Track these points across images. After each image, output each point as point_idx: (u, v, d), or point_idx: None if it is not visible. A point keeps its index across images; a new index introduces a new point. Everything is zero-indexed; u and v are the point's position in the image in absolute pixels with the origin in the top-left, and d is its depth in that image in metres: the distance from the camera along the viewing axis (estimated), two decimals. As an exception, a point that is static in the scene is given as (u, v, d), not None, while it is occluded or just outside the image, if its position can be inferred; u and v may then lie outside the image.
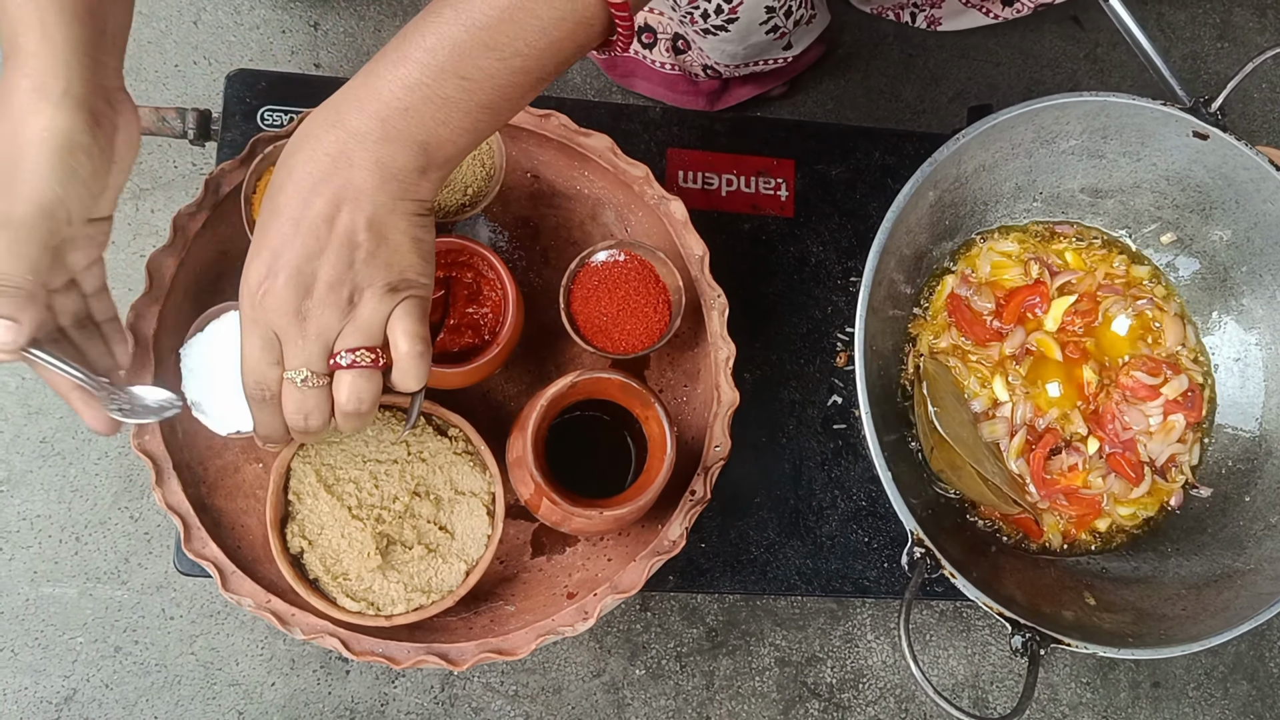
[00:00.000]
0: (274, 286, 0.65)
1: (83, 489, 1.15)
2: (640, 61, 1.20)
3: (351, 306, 0.66)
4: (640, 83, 1.23)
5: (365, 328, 0.67)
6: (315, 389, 0.68)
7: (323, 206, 0.64)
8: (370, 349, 0.68)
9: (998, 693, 1.26)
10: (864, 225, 1.09)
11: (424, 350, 0.69)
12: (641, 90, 1.24)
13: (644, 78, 1.22)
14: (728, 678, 1.21)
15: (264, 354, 0.67)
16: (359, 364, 0.68)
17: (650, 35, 1.15)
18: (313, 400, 0.69)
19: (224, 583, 0.85)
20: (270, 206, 0.65)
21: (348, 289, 0.66)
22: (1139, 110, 0.94)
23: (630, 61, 1.20)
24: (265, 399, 0.69)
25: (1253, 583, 0.93)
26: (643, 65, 1.20)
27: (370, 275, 0.66)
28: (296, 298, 0.65)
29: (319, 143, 0.64)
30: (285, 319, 0.66)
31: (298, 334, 0.66)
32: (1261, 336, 1.03)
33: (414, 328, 0.68)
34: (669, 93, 1.23)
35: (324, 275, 0.65)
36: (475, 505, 0.87)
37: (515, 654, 0.85)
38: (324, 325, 0.66)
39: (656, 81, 1.22)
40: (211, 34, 1.24)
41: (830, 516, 1.03)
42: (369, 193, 0.64)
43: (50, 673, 1.12)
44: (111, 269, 1.16)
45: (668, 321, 0.90)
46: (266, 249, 0.65)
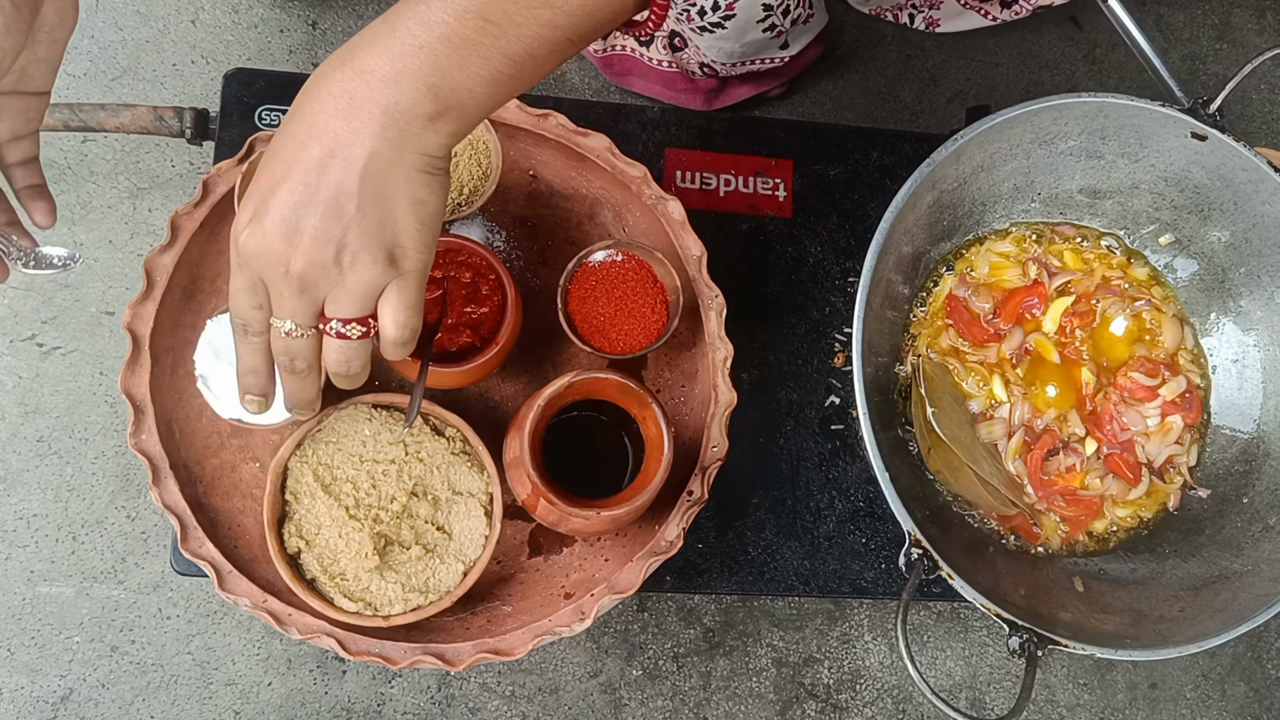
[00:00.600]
0: (258, 231, 0.61)
1: (79, 488, 1.14)
2: (637, 59, 1.20)
3: (340, 269, 0.62)
4: (637, 81, 1.23)
5: (356, 297, 0.63)
6: (301, 339, 0.66)
7: (318, 152, 0.60)
8: (361, 321, 0.65)
9: (995, 694, 1.26)
10: (862, 226, 1.09)
11: (410, 338, 0.66)
12: (639, 89, 1.24)
13: (641, 76, 1.22)
14: (725, 678, 1.21)
15: (248, 297, 0.64)
16: (348, 336, 0.65)
17: (646, 32, 1.15)
18: (298, 348, 0.66)
19: (220, 582, 0.84)
20: (270, 149, 0.63)
21: (334, 247, 0.61)
22: (1137, 111, 0.93)
23: (627, 60, 1.20)
24: (245, 335, 0.67)
25: (1250, 584, 0.93)
26: (640, 63, 1.20)
27: (362, 236, 0.61)
28: (283, 247, 0.61)
29: (326, 82, 0.60)
30: (270, 268, 0.62)
31: (283, 285, 0.63)
32: (1260, 338, 1.03)
33: (402, 315, 0.65)
34: (666, 90, 1.23)
35: (310, 228, 0.60)
36: (473, 505, 0.86)
37: (512, 654, 0.85)
38: (310, 282, 0.62)
39: (654, 79, 1.22)
40: (209, 33, 1.24)
41: (828, 517, 1.03)
42: (367, 139, 0.60)
43: (47, 672, 1.12)
44: (108, 268, 1.17)
45: (665, 322, 0.90)
46: (257, 192, 0.62)
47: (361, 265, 0.62)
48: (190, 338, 0.89)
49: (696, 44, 1.11)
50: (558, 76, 1.28)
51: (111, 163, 1.20)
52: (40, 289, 1.16)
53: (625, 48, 1.18)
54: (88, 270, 1.17)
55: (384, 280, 0.63)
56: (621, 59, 1.20)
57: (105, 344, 1.17)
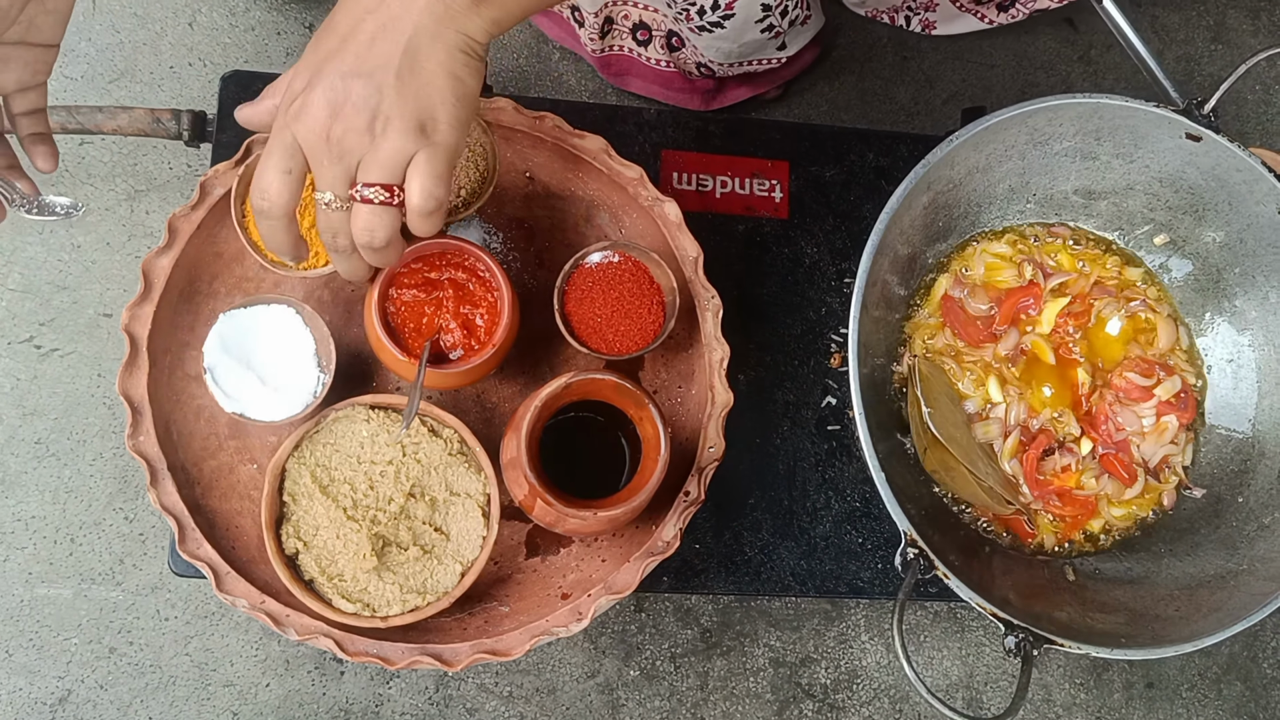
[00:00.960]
0: (309, 100, 0.65)
1: (77, 490, 1.15)
2: (635, 59, 1.20)
3: (372, 135, 0.65)
4: (635, 81, 1.23)
5: (384, 163, 0.66)
6: (339, 211, 0.68)
7: (371, 26, 0.64)
8: (385, 187, 0.67)
9: (992, 693, 1.26)
10: (858, 227, 1.09)
11: (435, 209, 0.68)
12: (636, 89, 1.24)
13: (638, 76, 1.22)
14: (722, 678, 1.21)
15: (281, 159, 0.67)
16: (371, 200, 0.67)
17: (645, 32, 1.15)
18: (338, 222, 0.69)
19: (218, 584, 0.85)
20: (327, 23, 0.66)
21: (369, 114, 0.64)
22: (1132, 112, 0.94)
23: (624, 60, 1.20)
24: (264, 208, 0.69)
25: (1246, 583, 0.93)
26: (637, 63, 1.20)
27: (397, 104, 0.64)
28: (328, 115, 0.64)
29: None
30: (314, 135, 0.65)
31: (323, 153, 0.66)
32: (1254, 338, 1.03)
33: (428, 183, 0.67)
34: (664, 90, 1.23)
35: (354, 96, 0.64)
36: (470, 506, 0.87)
37: (509, 655, 0.86)
38: (346, 149, 0.65)
39: (651, 79, 1.22)
40: (207, 36, 1.24)
41: (824, 517, 1.03)
42: (415, 14, 0.63)
43: (45, 674, 1.12)
44: (106, 269, 1.17)
45: (662, 323, 0.90)
46: (312, 62, 0.65)
47: (393, 132, 0.65)
48: (188, 339, 0.89)
49: (695, 44, 1.11)
50: (555, 78, 1.28)
51: (109, 165, 1.20)
52: (38, 291, 1.17)
53: (623, 48, 1.18)
54: (85, 273, 1.18)
55: (413, 149, 0.66)
56: (619, 59, 1.20)
57: (103, 346, 1.17)
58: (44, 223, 1.17)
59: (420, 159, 0.66)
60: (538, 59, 1.29)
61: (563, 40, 1.24)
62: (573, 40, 1.22)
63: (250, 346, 0.86)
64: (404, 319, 0.84)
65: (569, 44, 1.24)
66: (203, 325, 0.87)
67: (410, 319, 0.84)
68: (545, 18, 1.21)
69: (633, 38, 1.17)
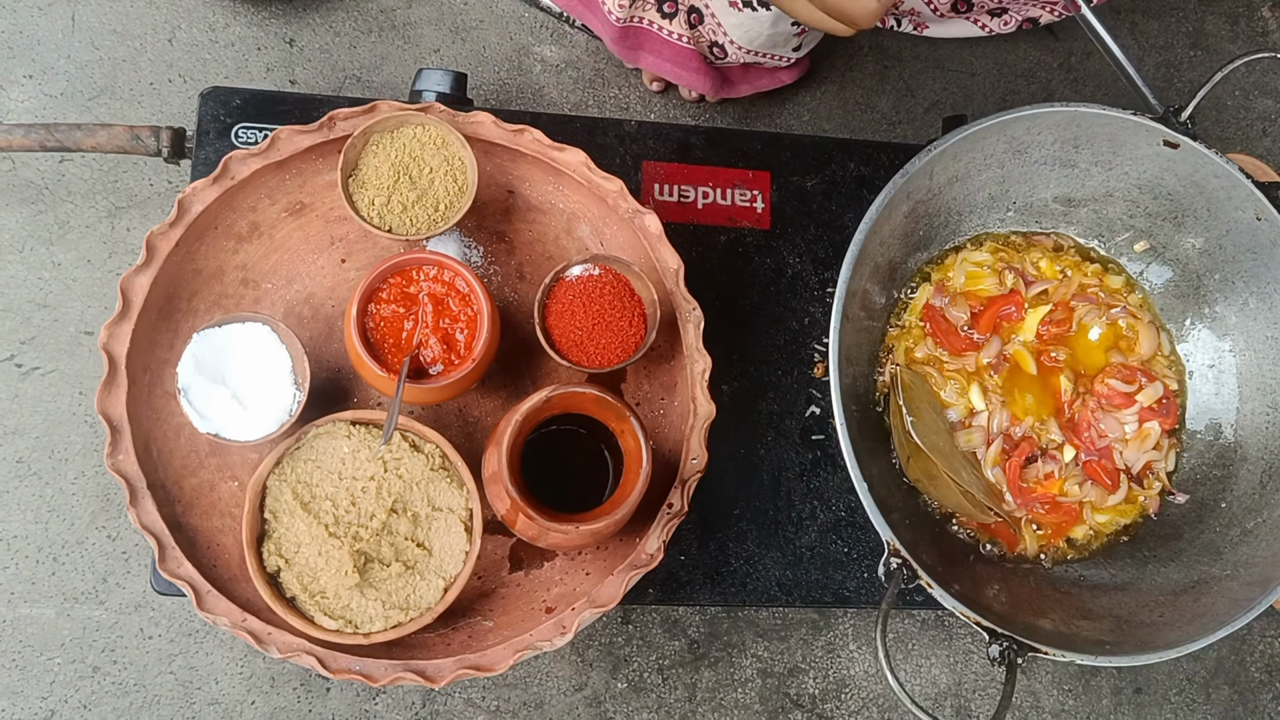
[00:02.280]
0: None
1: (59, 509, 1.14)
2: (654, 33, 1.18)
3: None
4: (647, 56, 1.21)
5: None
6: None
7: None
8: None
9: (980, 701, 1.26)
10: (840, 236, 1.09)
11: None
12: (647, 64, 1.21)
13: (653, 51, 1.20)
14: (710, 689, 1.21)
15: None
16: None
17: (672, 4, 1.14)
18: None
19: (199, 602, 0.84)
20: None
21: None
22: (1109, 120, 0.94)
23: (643, 33, 1.18)
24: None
25: (1229, 588, 0.94)
26: (655, 37, 1.18)
27: None
28: None
29: None
30: None
31: None
32: (1235, 343, 1.04)
33: None
34: (678, 69, 1.20)
35: None
36: (453, 521, 0.86)
37: (493, 670, 0.85)
38: None
39: (666, 56, 1.20)
40: (186, 52, 1.24)
41: (809, 527, 1.03)
42: None
43: (28, 694, 1.11)
44: (87, 287, 1.17)
45: (643, 335, 0.90)
46: None
47: None
48: (167, 357, 0.89)
49: (720, 20, 1.11)
50: (536, 91, 1.28)
51: (89, 182, 1.19)
52: (19, 309, 1.16)
53: (645, 20, 1.16)
54: (66, 290, 1.17)
55: None
56: (638, 31, 1.18)
57: (84, 364, 1.16)
58: (24, 239, 1.17)
59: None
60: (519, 72, 1.29)
61: (571, 9, 1.20)
62: (584, 7, 1.18)
63: (225, 365, 0.85)
64: (383, 334, 0.84)
65: (579, 12, 1.20)
66: (182, 343, 0.87)
67: (389, 334, 0.84)
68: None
69: (658, 8, 1.15)
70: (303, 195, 0.93)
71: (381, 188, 0.88)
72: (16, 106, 1.20)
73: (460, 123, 0.92)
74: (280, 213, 0.93)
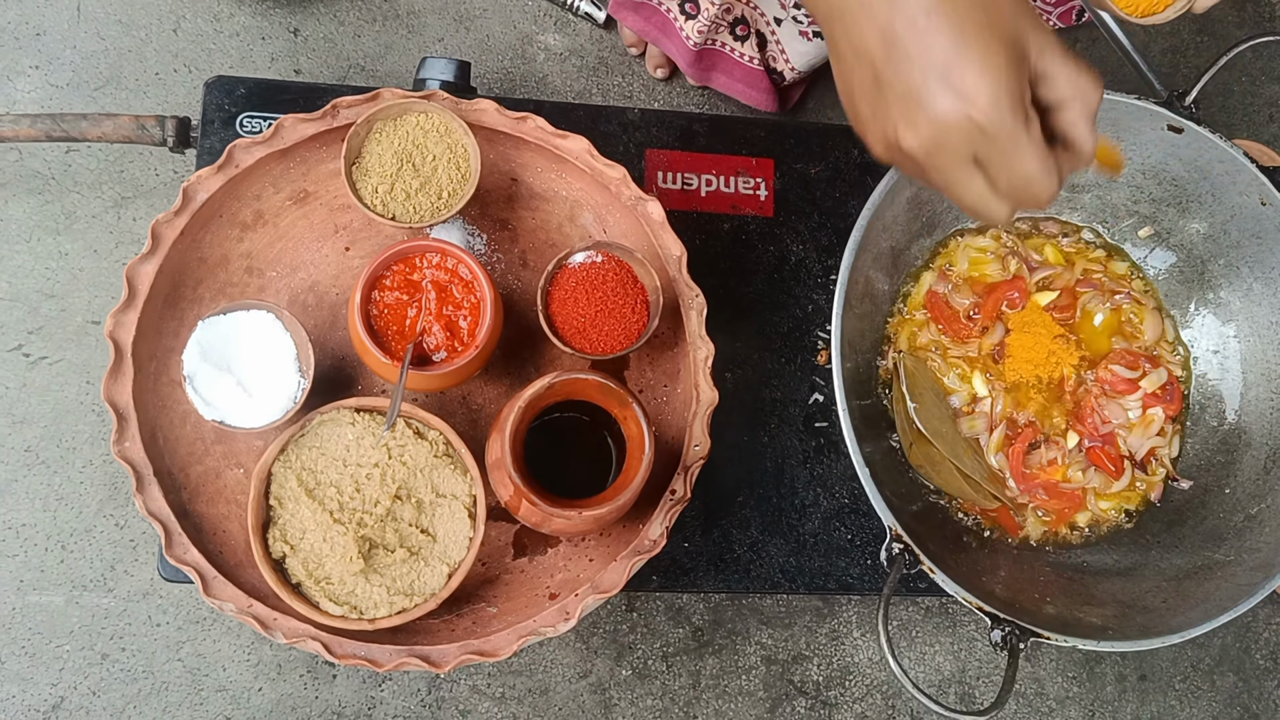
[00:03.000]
0: None
1: (67, 497, 1.15)
2: (727, 55, 1.21)
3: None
4: (719, 77, 1.24)
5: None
6: None
7: None
8: None
9: (984, 687, 1.26)
10: (843, 223, 1.09)
11: None
12: (718, 86, 1.25)
13: (725, 72, 1.23)
14: (714, 677, 1.21)
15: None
16: None
17: (745, 27, 1.17)
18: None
19: (205, 588, 0.85)
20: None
21: None
22: (1114, 104, 0.94)
23: (716, 54, 1.21)
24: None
25: (1232, 574, 0.94)
26: (727, 59, 1.21)
27: None
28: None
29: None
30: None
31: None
32: (1239, 329, 1.03)
33: None
34: (748, 89, 1.24)
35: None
36: (456, 508, 0.87)
37: (497, 655, 0.86)
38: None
39: (738, 77, 1.23)
40: (191, 41, 1.24)
41: (813, 514, 1.03)
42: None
43: (37, 681, 1.12)
44: (93, 277, 1.17)
45: (646, 322, 0.90)
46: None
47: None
48: (173, 345, 0.89)
49: (786, 46, 1.14)
50: (540, 79, 1.28)
51: (95, 172, 1.20)
52: (26, 299, 1.17)
53: (720, 43, 1.20)
54: (73, 280, 1.18)
55: None
56: (713, 54, 1.21)
57: (92, 353, 1.17)
58: (31, 229, 1.17)
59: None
60: (522, 60, 1.29)
61: (646, 33, 1.23)
62: (660, 33, 1.21)
63: (230, 353, 0.86)
64: (387, 322, 0.84)
65: (652, 37, 1.23)
66: (187, 331, 0.87)
67: (393, 321, 0.85)
68: (635, 14, 1.21)
69: (731, 32, 1.18)
70: (307, 183, 0.94)
71: (385, 175, 0.89)
72: (23, 97, 1.21)
73: (463, 110, 0.92)
74: (284, 201, 0.93)
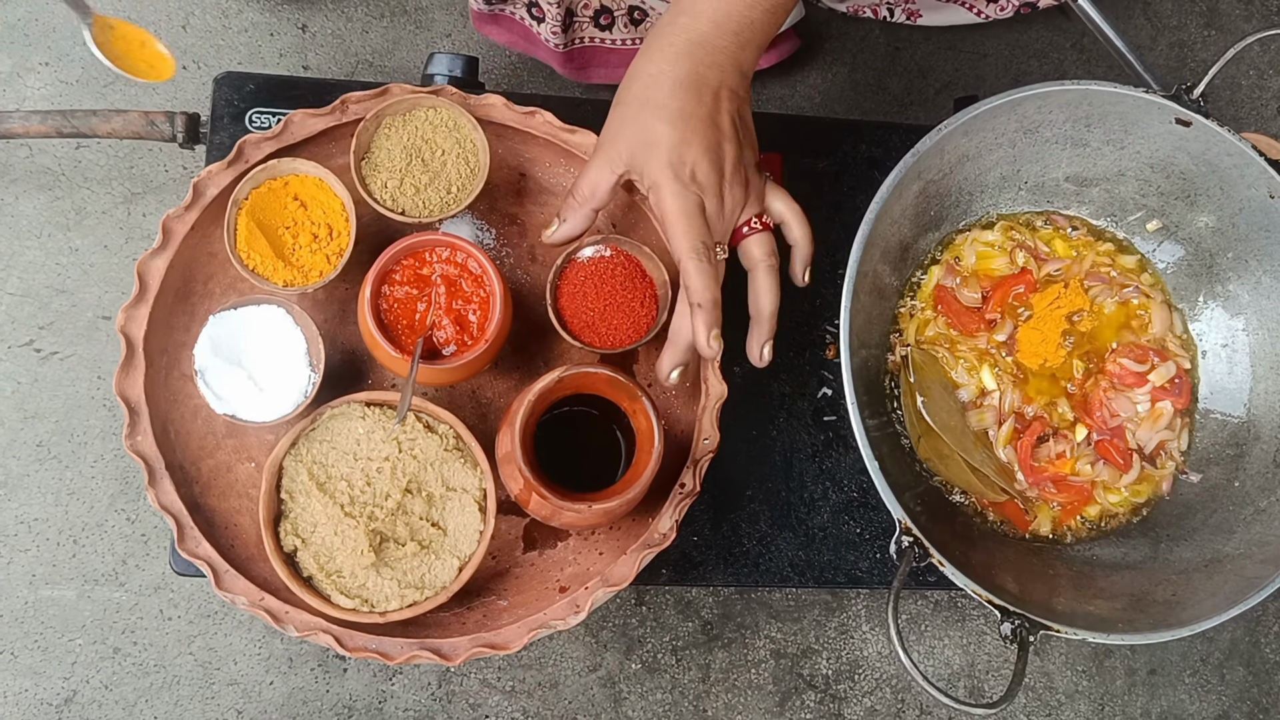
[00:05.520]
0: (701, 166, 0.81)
1: (79, 492, 1.15)
2: (598, 48, 1.18)
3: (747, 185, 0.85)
4: (598, 71, 1.21)
5: (758, 200, 0.88)
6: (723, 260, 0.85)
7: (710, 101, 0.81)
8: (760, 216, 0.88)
9: (994, 681, 1.27)
10: (851, 218, 1.08)
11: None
12: (599, 79, 1.22)
13: (601, 64, 1.20)
14: (724, 670, 1.22)
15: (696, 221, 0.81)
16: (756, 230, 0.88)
17: (608, 16, 1.14)
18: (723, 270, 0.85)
19: (217, 581, 0.85)
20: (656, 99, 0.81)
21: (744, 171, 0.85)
22: (1121, 98, 0.94)
23: (587, 51, 1.19)
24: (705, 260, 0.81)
25: (1242, 567, 0.94)
26: (600, 51, 1.18)
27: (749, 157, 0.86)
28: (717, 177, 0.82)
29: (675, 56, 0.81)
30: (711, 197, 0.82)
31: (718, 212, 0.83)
32: (1248, 322, 1.03)
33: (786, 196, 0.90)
34: None
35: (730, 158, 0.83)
36: (467, 501, 0.87)
37: (508, 648, 0.86)
38: (734, 203, 0.84)
39: (616, 63, 1.20)
40: (200, 38, 1.25)
41: (822, 508, 1.03)
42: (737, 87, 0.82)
43: (50, 674, 1.13)
44: (104, 272, 1.18)
45: (655, 316, 0.90)
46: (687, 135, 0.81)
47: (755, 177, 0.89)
48: (184, 339, 0.90)
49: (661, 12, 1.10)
50: (548, 75, 1.29)
51: (105, 168, 1.21)
52: (37, 294, 1.17)
53: (585, 39, 1.17)
54: (84, 275, 1.18)
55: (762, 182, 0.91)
56: (581, 52, 1.18)
57: (102, 348, 1.18)
58: (42, 225, 1.18)
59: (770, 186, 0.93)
60: (531, 55, 1.29)
61: (514, 45, 1.20)
62: (526, 42, 1.19)
63: (241, 347, 0.86)
64: (397, 316, 0.85)
65: (522, 47, 1.20)
66: (198, 325, 0.88)
67: (403, 316, 0.85)
68: (494, 25, 1.18)
69: (594, 24, 1.15)
70: (316, 179, 0.94)
71: (394, 170, 0.89)
72: (33, 93, 1.21)
73: (472, 105, 0.93)
74: (294, 196, 0.94)
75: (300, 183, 0.89)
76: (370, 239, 0.94)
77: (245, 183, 0.87)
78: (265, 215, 0.88)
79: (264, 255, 0.87)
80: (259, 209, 0.87)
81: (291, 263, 0.87)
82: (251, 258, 0.87)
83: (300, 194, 0.89)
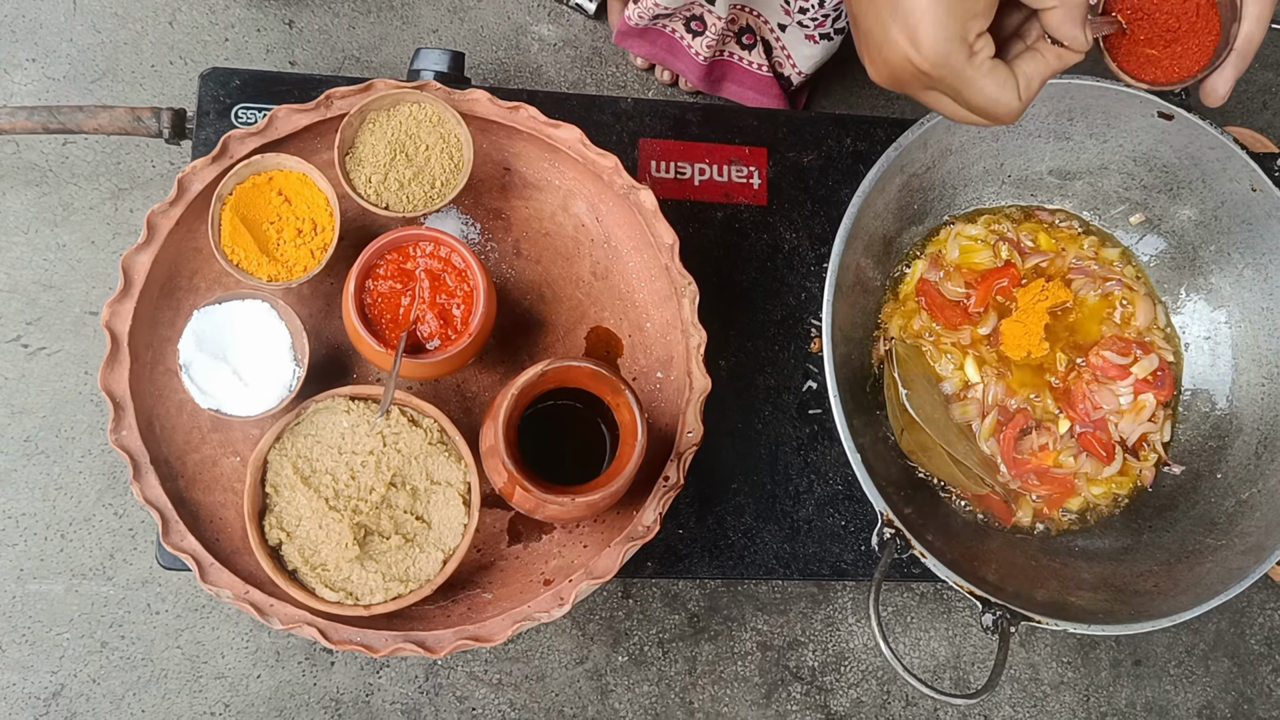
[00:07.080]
0: None
1: (67, 486, 1.16)
2: (734, 65, 1.24)
3: None
4: (730, 86, 1.27)
5: None
6: None
7: None
8: None
9: (979, 672, 1.27)
10: (836, 212, 1.09)
11: None
12: (729, 94, 1.28)
13: (735, 81, 1.26)
14: (710, 663, 1.22)
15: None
16: None
17: (750, 36, 1.20)
18: None
19: (202, 575, 0.85)
20: None
21: None
22: (1103, 92, 0.94)
23: (726, 65, 1.25)
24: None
25: (1224, 558, 0.94)
26: (737, 68, 1.25)
27: None
28: None
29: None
30: None
31: None
32: (1230, 314, 1.04)
33: None
34: (759, 97, 1.26)
35: None
36: (451, 495, 0.87)
37: (492, 640, 0.86)
38: None
39: (748, 85, 1.26)
40: (187, 34, 1.25)
41: (807, 501, 1.04)
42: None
43: (37, 669, 1.13)
44: (91, 268, 1.18)
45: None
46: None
47: None
48: (169, 334, 0.90)
49: (792, 51, 1.18)
50: (533, 70, 1.29)
51: (92, 164, 1.21)
52: (25, 290, 1.17)
53: (729, 53, 1.23)
54: (71, 271, 1.18)
55: None
56: (722, 64, 1.25)
57: (89, 344, 1.18)
58: (29, 221, 1.18)
59: None
60: (517, 50, 1.30)
61: (653, 56, 1.25)
62: (667, 53, 1.24)
63: (225, 342, 0.86)
64: (380, 310, 0.85)
65: (659, 58, 1.25)
66: (183, 320, 0.88)
67: (387, 310, 0.85)
68: (641, 39, 1.23)
69: (738, 41, 1.22)
70: (301, 174, 0.94)
71: (378, 165, 0.89)
72: (20, 89, 1.21)
73: (456, 100, 0.93)
74: (279, 191, 0.94)
75: (285, 178, 0.89)
76: (354, 234, 0.94)
77: (230, 178, 0.87)
78: (250, 210, 0.88)
79: (248, 250, 0.87)
80: (243, 204, 0.88)
81: (276, 258, 0.87)
82: (236, 253, 0.87)
83: (285, 189, 0.89)
